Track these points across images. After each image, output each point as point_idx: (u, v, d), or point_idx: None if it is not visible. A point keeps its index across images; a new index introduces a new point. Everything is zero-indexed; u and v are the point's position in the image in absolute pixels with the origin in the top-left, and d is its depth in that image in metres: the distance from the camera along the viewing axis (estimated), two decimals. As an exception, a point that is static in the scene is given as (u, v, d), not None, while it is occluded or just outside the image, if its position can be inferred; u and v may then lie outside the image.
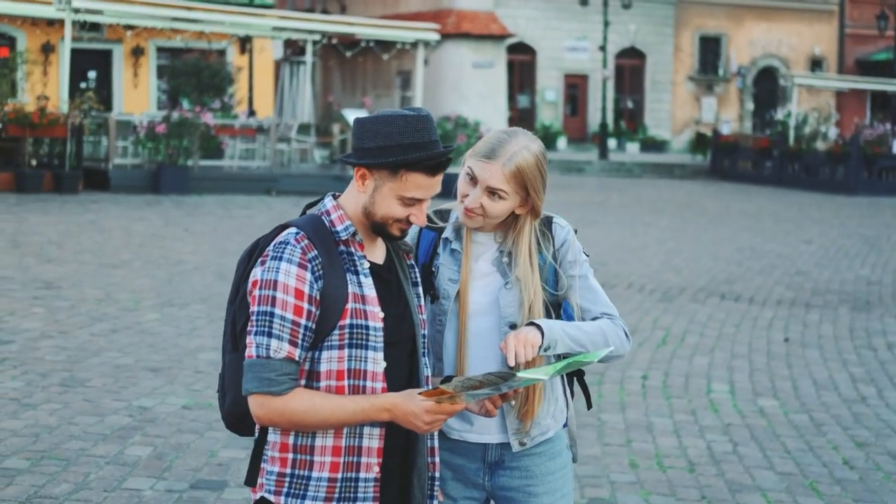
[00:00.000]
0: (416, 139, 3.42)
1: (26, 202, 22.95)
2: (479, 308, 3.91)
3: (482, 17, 46.43)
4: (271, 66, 39.61)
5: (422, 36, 31.41)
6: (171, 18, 28.94)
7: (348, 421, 3.41)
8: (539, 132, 48.28)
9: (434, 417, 3.39)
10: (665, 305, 14.51)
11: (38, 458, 7.56)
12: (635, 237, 22.12)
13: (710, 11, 53.39)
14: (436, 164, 3.45)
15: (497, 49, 46.88)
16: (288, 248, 3.41)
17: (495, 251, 3.96)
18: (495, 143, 3.87)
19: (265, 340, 3.37)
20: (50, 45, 35.20)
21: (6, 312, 12.16)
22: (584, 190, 33.79)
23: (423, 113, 3.47)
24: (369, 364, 3.46)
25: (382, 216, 3.48)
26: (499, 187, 3.82)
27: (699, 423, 9.14)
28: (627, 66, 52.04)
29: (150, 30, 32.43)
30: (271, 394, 3.37)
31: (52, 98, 28.78)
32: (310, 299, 3.38)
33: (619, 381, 10.44)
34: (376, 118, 3.45)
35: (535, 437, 3.99)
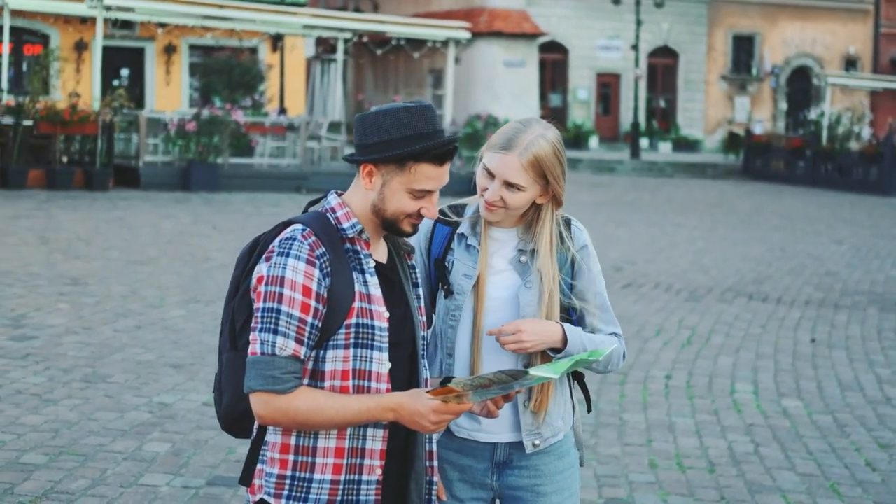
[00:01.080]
0: (421, 130, 3.37)
1: (56, 199, 23.04)
2: (496, 304, 3.86)
3: (514, 15, 46.38)
4: (303, 64, 39.65)
5: (453, 34, 31.37)
6: (202, 16, 29.01)
7: (353, 421, 3.34)
8: (571, 131, 48.27)
9: (441, 417, 3.33)
10: (692, 305, 14.44)
11: (57, 453, 7.58)
12: (664, 237, 22.03)
13: (744, 10, 53.16)
14: (443, 153, 3.39)
15: (529, 48, 46.82)
16: (295, 245, 3.33)
17: (513, 249, 3.91)
18: (510, 134, 3.83)
19: (271, 337, 3.30)
20: (83, 42, 35.34)
21: (32, 308, 12.20)
22: (615, 189, 33.69)
23: (424, 103, 3.42)
24: (374, 364, 3.40)
25: (393, 212, 3.42)
26: (516, 179, 3.78)
27: (721, 424, 9.08)
28: (660, 66, 51.88)
29: (183, 27, 32.53)
30: (275, 392, 3.29)
31: (84, 95, 28.90)
32: (317, 297, 3.31)
33: (642, 381, 10.39)
34: (378, 112, 3.40)
35: (548, 439, 3.96)
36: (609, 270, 17.05)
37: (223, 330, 3.54)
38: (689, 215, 26.69)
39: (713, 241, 21.57)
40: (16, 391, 9.02)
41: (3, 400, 8.76)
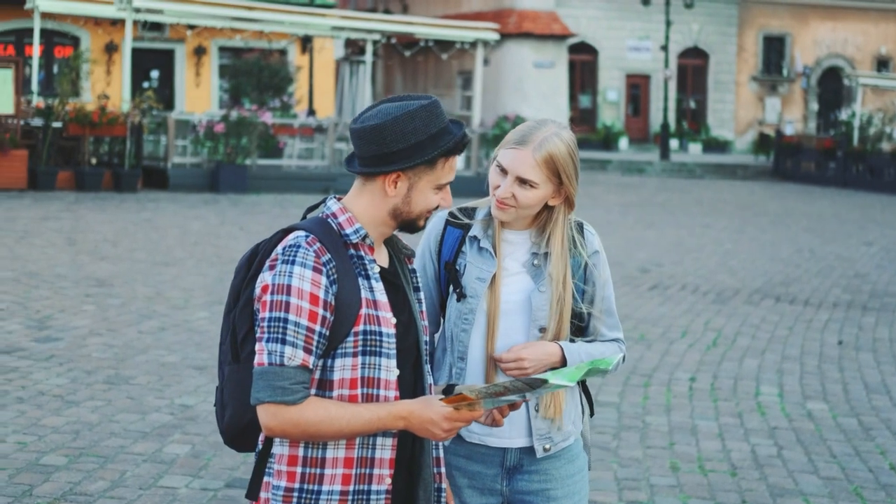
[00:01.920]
0: (440, 126, 3.32)
1: (85, 200, 23.13)
2: (509, 307, 3.83)
3: (544, 16, 46.34)
4: (332, 65, 39.70)
5: (481, 35, 31.34)
6: (231, 18, 29.07)
7: (364, 430, 3.25)
8: (600, 133, 48.20)
9: (452, 425, 3.26)
10: (718, 307, 14.36)
11: (77, 454, 7.58)
12: (692, 238, 21.94)
13: (775, 11, 52.94)
14: (464, 143, 3.38)
15: (558, 49, 46.77)
16: (300, 252, 3.24)
17: (527, 252, 3.88)
18: (525, 131, 3.80)
19: (279, 347, 3.20)
20: (113, 44, 35.50)
21: (57, 310, 12.24)
22: (645, 190, 33.60)
23: (432, 98, 3.37)
24: (383, 372, 3.32)
25: (419, 211, 3.37)
26: (529, 175, 3.74)
27: (745, 427, 9.02)
28: (690, 66, 51.72)
29: (212, 29, 32.62)
30: (285, 403, 3.20)
31: (114, 97, 29.00)
32: (325, 305, 3.23)
33: (665, 384, 10.33)
34: (395, 119, 3.30)
35: (559, 444, 3.93)
36: (636, 272, 17.00)
37: (223, 341, 3.44)
38: (718, 217, 26.58)
39: (741, 243, 21.47)
40: (38, 392, 9.04)
41: (25, 401, 8.78)
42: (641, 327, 12.78)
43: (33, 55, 30.00)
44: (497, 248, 3.86)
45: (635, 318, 13.32)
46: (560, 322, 3.82)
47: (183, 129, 27.11)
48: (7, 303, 12.46)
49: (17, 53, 34.96)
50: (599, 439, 8.49)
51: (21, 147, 24.04)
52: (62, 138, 25.37)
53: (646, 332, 12.56)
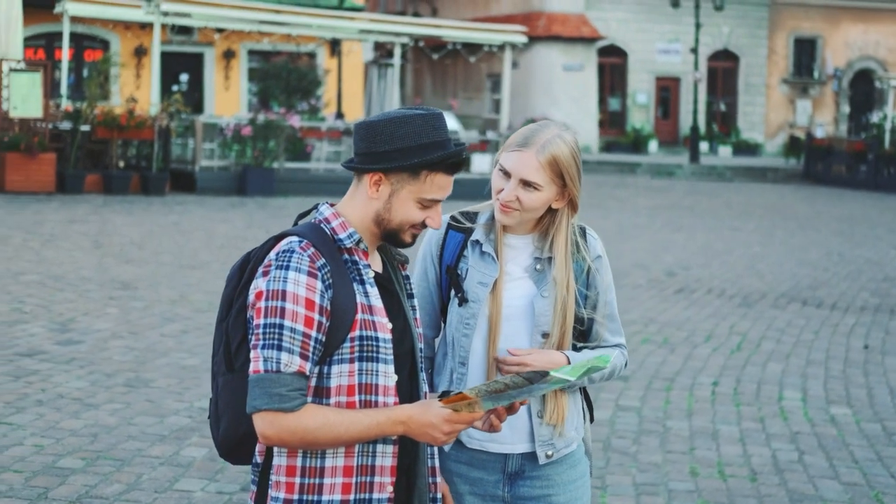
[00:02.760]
0: (435, 138, 3.26)
1: (113, 203, 23.19)
2: (511, 312, 3.80)
3: (573, 19, 46.30)
4: (360, 68, 39.75)
5: (509, 38, 31.29)
6: (258, 21, 29.12)
7: (363, 436, 3.20)
8: (629, 136, 48.08)
9: (452, 428, 3.21)
10: (744, 311, 14.27)
11: (94, 457, 7.58)
12: (720, 241, 21.83)
13: (806, 13, 52.68)
14: (456, 162, 3.30)
15: (588, 51, 46.73)
16: (294, 257, 3.19)
17: (529, 257, 3.85)
18: (527, 134, 3.77)
19: (275, 354, 3.14)
20: (143, 48, 35.66)
21: (80, 312, 12.26)
22: (673, 194, 33.47)
23: (435, 111, 3.32)
24: (380, 378, 3.27)
25: (399, 222, 3.31)
26: (533, 177, 3.71)
27: (766, 431, 8.95)
28: (720, 69, 51.52)
29: (241, 33, 32.70)
30: (282, 410, 3.14)
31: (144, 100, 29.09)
32: (321, 310, 3.17)
33: (688, 388, 10.26)
34: (389, 120, 3.27)
35: (562, 450, 3.89)
36: (662, 275, 16.93)
37: (216, 351, 3.37)
38: (747, 220, 26.45)
39: (770, 246, 21.35)
40: (58, 395, 9.04)
41: (44, 404, 8.78)
42: (665, 331, 12.71)
43: (62, 59, 30.15)
44: (499, 253, 3.83)
45: (659, 321, 13.25)
46: (563, 327, 3.79)
47: (211, 133, 27.17)
48: (31, 306, 12.49)
49: (48, 57, 35.15)
50: (619, 444, 8.44)
51: (49, 150, 24.12)
52: (90, 142, 25.45)
53: (670, 335, 12.49)
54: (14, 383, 9.34)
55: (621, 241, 21.13)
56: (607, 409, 9.39)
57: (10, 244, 16.90)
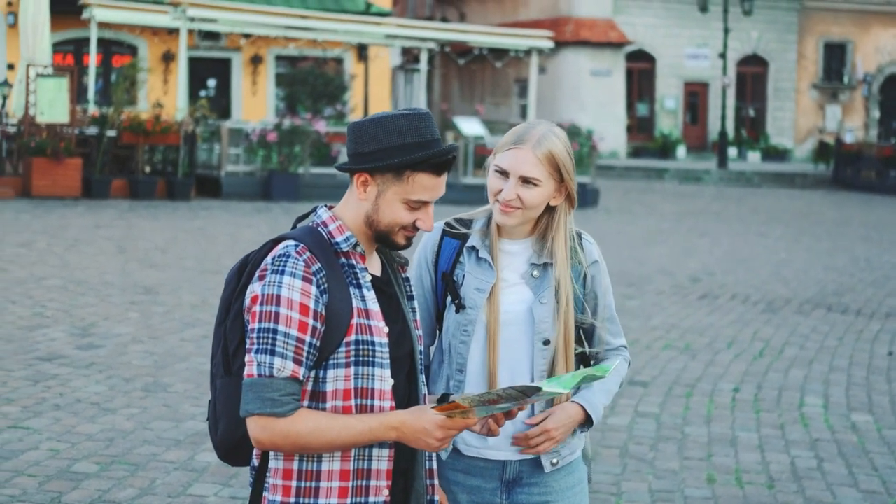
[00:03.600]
0: (419, 138, 3.25)
1: (138, 208, 23.24)
2: (509, 318, 3.78)
3: (601, 24, 46.21)
4: (387, 73, 39.77)
5: (535, 44, 31.24)
6: (284, 27, 29.15)
7: (356, 441, 3.20)
8: (658, 141, 47.95)
9: (446, 434, 3.20)
10: (768, 317, 14.19)
11: (109, 462, 7.58)
12: (746, 247, 21.73)
13: (836, 18, 52.42)
14: (441, 162, 3.27)
15: (616, 57, 46.64)
16: (290, 261, 3.20)
17: (525, 263, 3.83)
18: (520, 132, 3.77)
19: (268, 359, 3.16)
20: (170, 53, 35.72)
21: (101, 317, 12.28)
22: (701, 199, 33.36)
23: (422, 111, 3.32)
24: (376, 382, 3.27)
25: (388, 223, 3.30)
26: (532, 172, 3.71)
27: (786, 438, 8.88)
28: (749, 74, 51.31)
29: (268, 38, 32.74)
30: (275, 415, 3.15)
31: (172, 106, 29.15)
32: (315, 315, 3.18)
33: (708, 394, 10.20)
34: (374, 120, 3.28)
35: (567, 457, 3.88)
36: (686, 281, 16.85)
37: (215, 354, 3.38)
38: (774, 225, 26.33)
39: (796, 252, 21.24)
40: (76, 400, 9.05)
41: (62, 409, 8.79)
42: (688, 337, 12.64)
43: (90, 64, 30.26)
44: (495, 259, 3.80)
45: (682, 327, 13.18)
46: (566, 333, 3.77)
47: (236, 138, 27.21)
48: (53, 310, 12.52)
49: (77, 63, 35.29)
50: (636, 450, 8.39)
51: (76, 155, 24.19)
52: (117, 147, 25.51)
53: (692, 341, 12.42)
54: (32, 388, 9.36)
55: (646, 246, 21.06)
56: (626, 415, 9.34)
57: (35, 249, 16.95)
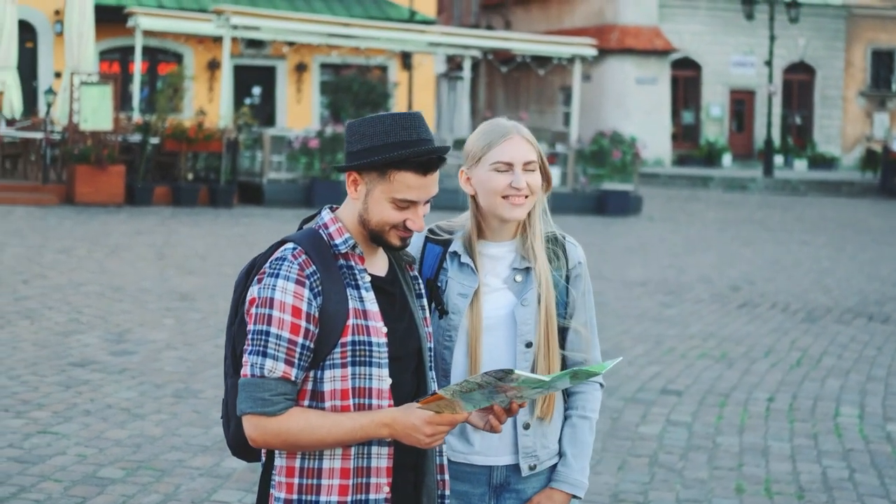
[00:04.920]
0: (404, 137, 3.31)
1: (180, 215, 23.35)
2: (492, 323, 3.78)
3: (646, 32, 46.06)
4: (431, 81, 39.80)
5: (578, 51, 31.15)
6: (327, 35, 29.22)
7: (347, 439, 3.28)
8: (703, 149, 47.70)
9: (435, 430, 3.26)
10: (807, 326, 14.06)
11: (135, 467, 7.59)
12: (789, 255, 21.56)
13: (884, 25, 51.98)
14: (426, 161, 3.32)
15: (661, 64, 46.47)
16: (285, 265, 3.30)
17: (507, 268, 3.83)
18: (496, 128, 3.82)
19: (260, 360, 3.26)
20: (215, 61, 35.90)
21: (137, 324, 12.32)
22: (745, 207, 33.15)
23: (413, 113, 3.38)
24: (374, 381, 3.34)
25: (377, 222, 3.36)
26: (532, 156, 3.78)
27: (818, 448, 8.78)
28: (796, 81, 50.96)
29: (313, 46, 32.82)
30: (265, 414, 3.26)
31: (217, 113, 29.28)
32: (308, 317, 3.27)
33: (742, 403, 10.11)
34: (365, 120, 3.36)
35: (545, 462, 3.87)
36: (726, 290, 16.73)
37: (226, 355, 3.50)
38: (818, 234, 26.12)
39: (839, 261, 21.06)
40: (106, 405, 9.08)
41: (92, 414, 8.82)
42: (724, 346, 12.55)
43: (134, 72, 30.46)
44: (477, 263, 3.81)
45: (719, 336, 13.09)
46: (548, 335, 3.78)
47: (279, 145, 27.28)
48: (89, 316, 12.58)
49: (123, 70, 35.54)
50: (666, 459, 8.32)
51: (119, 163, 24.33)
52: (160, 154, 25.64)
53: (728, 350, 12.32)
54: (64, 393, 9.40)
55: (688, 254, 20.95)
56: (657, 423, 9.27)
57: (75, 255, 17.05)
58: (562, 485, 3.83)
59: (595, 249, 21.02)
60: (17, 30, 27.14)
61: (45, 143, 24.59)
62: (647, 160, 41.82)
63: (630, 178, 28.78)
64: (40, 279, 14.82)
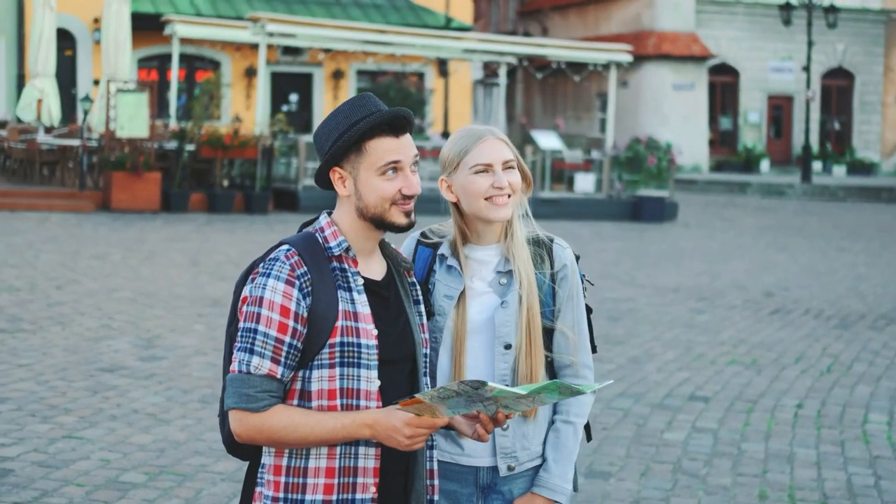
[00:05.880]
0: (363, 113, 3.40)
1: (215, 222, 23.44)
2: (474, 326, 3.80)
3: (683, 37, 45.94)
4: (468, 88, 39.83)
5: (613, 57, 31.07)
6: (362, 41, 29.27)
7: (328, 438, 3.34)
8: (741, 155, 47.51)
9: (414, 431, 3.30)
10: (839, 332, 13.97)
11: (157, 472, 7.63)
12: (825, 262, 21.44)
13: (924, 30, 51.65)
14: (393, 122, 3.39)
15: (698, 70, 46.33)
16: (277, 265, 3.37)
17: (492, 270, 3.85)
18: (468, 134, 3.85)
19: (247, 357, 3.33)
20: (253, 68, 36.08)
21: (168, 329, 12.38)
22: (783, 214, 32.98)
23: (364, 94, 3.46)
24: (362, 383, 3.38)
25: (375, 203, 3.41)
26: (510, 155, 3.81)
27: (845, 455, 8.73)
28: (834, 87, 50.71)
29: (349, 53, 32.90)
30: (249, 410, 3.32)
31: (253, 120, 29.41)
32: (296, 317, 3.33)
33: (770, 410, 10.05)
34: (323, 123, 3.47)
35: (525, 463, 3.87)
36: (759, 296, 16.65)
37: (225, 355, 3.56)
38: (856, 240, 25.95)
39: (876, 267, 20.91)
40: (132, 411, 9.13)
41: (117, 419, 8.87)
42: (755, 352, 12.48)
43: (171, 79, 30.64)
44: (463, 266, 3.83)
45: (750, 342, 13.02)
46: (529, 338, 3.78)
47: (314, 152, 27.28)
48: (120, 322, 12.65)
49: (161, 78, 35.77)
50: (689, 466, 8.29)
51: (155, 169, 24.46)
52: (195, 161, 25.77)
53: (758, 357, 12.26)
54: (91, 398, 9.45)
55: (722, 261, 20.86)
56: (682, 430, 9.24)
57: (109, 261, 17.16)
58: (542, 490, 3.84)
59: (629, 256, 20.97)
60: (56, 38, 27.37)
61: (81, 150, 24.76)
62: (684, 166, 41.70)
63: (665, 185, 28.70)
64: (74, 285, 14.92)
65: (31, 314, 12.83)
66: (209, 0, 36.76)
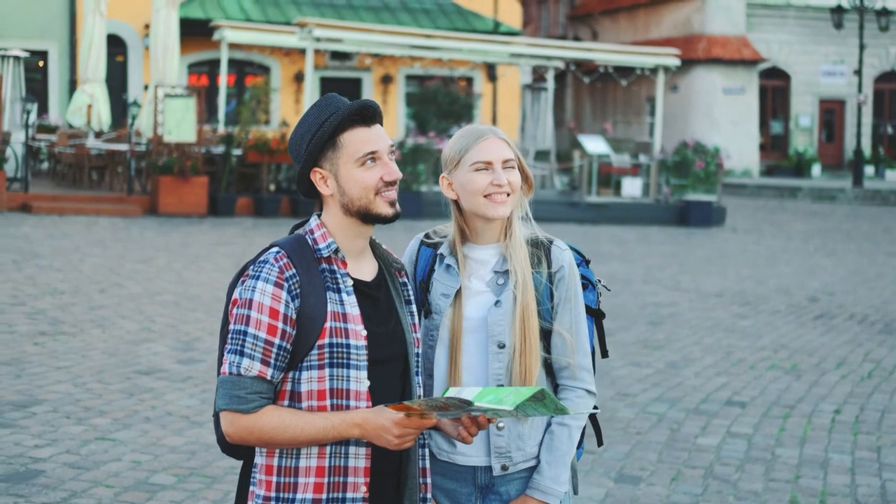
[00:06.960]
0: (331, 111, 3.45)
1: (262, 226, 23.53)
2: (470, 325, 3.81)
3: (733, 41, 45.71)
4: (517, 92, 39.78)
5: (661, 61, 30.95)
6: (409, 46, 29.31)
7: (319, 438, 3.37)
8: (792, 159, 47.19)
9: (403, 431, 3.34)
10: (883, 338, 13.84)
11: (187, 474, 7.67)
12: (872, 267, 21.24)
13: (979, 33, 51.10)
14: (363, 113, 3.44)
15: (749, 74, 46.08)
16: (266, 267, 3.41)
17: (490, 270, 3.86)
18: (470, 132, 3.87)
19: (237, 359, 3.38)
20: (302, 73, 36.20)
21: (207, 332, 12.44)
22: (833, 219, 32.71)
23: (329, 94, 3.52)
24: (352, 383, 3.42)
25: (358, 195, 3.45)
26: (510, 153, 3.82)
27: (880, 461, 8.64)
28: (887, 90, 50.26)
29: (396, 57, 32.96)
30: (240, 411, 3.36)
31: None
32: (285, 319, 3.37)
33: (807, 415, 9.97)
34: (293, 132, 3.53)
35: (519, 463, 3.87)
36: (804, 301, 16.52)
37: (219, 356, 3.58)
38: (905, 245, 25.72)
39: (924, 272, 20.70)
40: (166, 413, 9.18)
41: (151, 421, 8.92)
42: (796, 357, 12.39)
43: (220, 84, 30.81)
44: (460, 264, 3.84)
45: (791, 347, 12.93)
46: (524, 337, 3.77)
47: (360, 157, 27.39)
48: (160, 325, 12.72)
49: (210, 83, 35.98)
50: (721, 471, 8.24)
51: (202, 174, 24.60)
52: (242, 165, 25.90)
53: (799, 361, 12.17)
54: (127, 400, 9.51)
55: (769, 266, 20.72)
56: (716, 435, 9.18)
57: (154, 265, 17.26)
58: (534, 492, 3.83)
59: (674, 260, 20.87)
60: (107, 44, 27.60)
61: (130, 154, 24.94)
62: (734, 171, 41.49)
63: (713, 189, 28.55)
64: (117, 288, 15.02)
65: (72, 317, 12.93)
66: (259, 5, 36.95)
